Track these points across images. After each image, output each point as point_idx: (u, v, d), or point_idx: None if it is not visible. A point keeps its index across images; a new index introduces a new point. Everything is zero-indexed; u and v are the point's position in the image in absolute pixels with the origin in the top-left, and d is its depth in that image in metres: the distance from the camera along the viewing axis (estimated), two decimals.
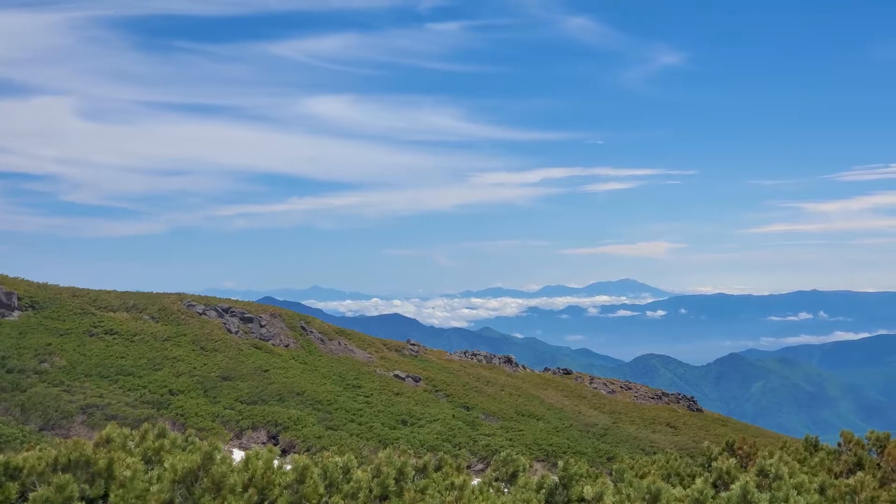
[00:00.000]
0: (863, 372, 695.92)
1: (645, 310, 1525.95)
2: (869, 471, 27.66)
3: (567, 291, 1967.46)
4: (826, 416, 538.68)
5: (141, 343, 78.59)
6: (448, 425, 75.97)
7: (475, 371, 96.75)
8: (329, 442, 64.76)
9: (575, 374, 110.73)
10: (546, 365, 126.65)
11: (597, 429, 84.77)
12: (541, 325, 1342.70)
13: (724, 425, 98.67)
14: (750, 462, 24.56)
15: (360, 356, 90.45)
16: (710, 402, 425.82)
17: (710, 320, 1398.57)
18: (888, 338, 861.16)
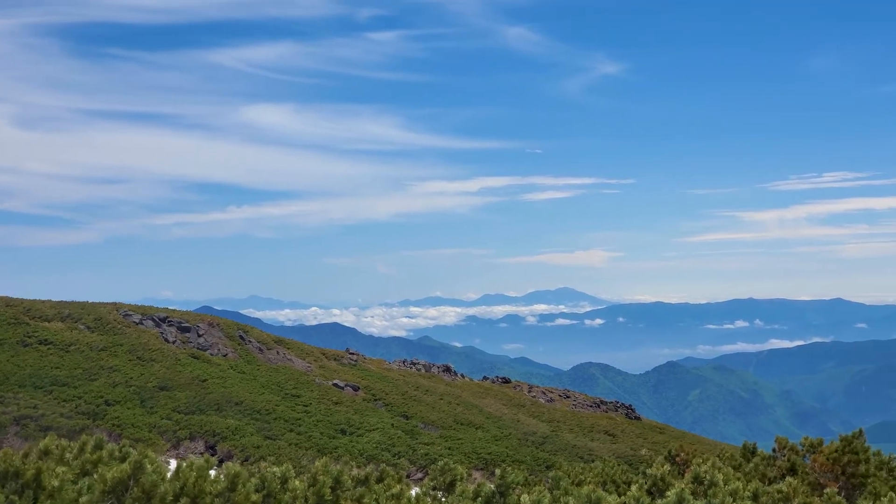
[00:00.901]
0: (797, 379, 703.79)
1: (583, 318, 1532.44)
2: (802, 476, 27.96)
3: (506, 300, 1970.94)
4: (762, 423, 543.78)
5: (76, 353, 77.75)
6: (387, 434, 75.86)
7: (414, 380, 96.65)
8: (267, 452, 64.45)
9: (514, 383, 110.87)
10: (485, 374, 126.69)
11: (535, 437, 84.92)
12: (479, 334, 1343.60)
13: (662, 433, 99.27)
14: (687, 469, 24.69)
15: (298, 365, 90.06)
16: (648, 410, 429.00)
17: (648, 328, 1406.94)
18: (822, 345, 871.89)
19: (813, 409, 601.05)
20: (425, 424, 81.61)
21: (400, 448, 73.53)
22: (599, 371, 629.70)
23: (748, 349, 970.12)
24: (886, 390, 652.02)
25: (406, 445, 74.54)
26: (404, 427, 79.38)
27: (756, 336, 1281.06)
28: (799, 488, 21.26)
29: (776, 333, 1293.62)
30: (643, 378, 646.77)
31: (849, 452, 29.91)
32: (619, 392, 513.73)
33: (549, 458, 76.66)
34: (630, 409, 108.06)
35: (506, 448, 78.96)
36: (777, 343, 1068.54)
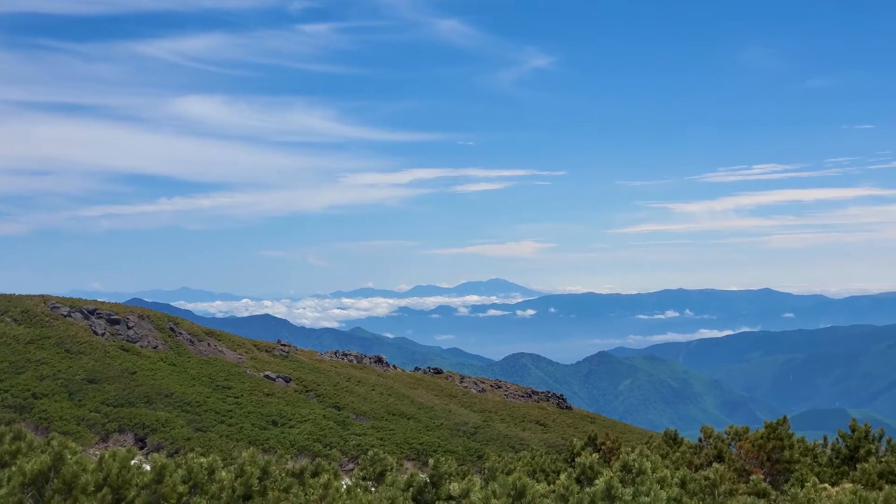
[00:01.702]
0: (726, 368, 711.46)
1: (515, 309, 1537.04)
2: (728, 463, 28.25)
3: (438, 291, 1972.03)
4: (691, 412, 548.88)
5: (2, 346, 76.68)
6: (319, 425, 75.67)
7: (346, 371, 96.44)
8: (198, 444, 63.99)
9: (445, 374, 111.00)
10: (417, 364, 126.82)
11: (467, 427, 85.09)
12: (411, 325, 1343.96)
13: (593, 422, 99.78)
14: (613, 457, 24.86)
15: (230, 357, 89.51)
16: (580, 400, 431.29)
17: (580, 319, 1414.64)
18: (750, 335, 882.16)
19: (741, 398, 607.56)
20: (357, 415, 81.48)
21: (331, 439, 73.36)
22: (531, 361, 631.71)
23: (678, 339, 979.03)
24: (813, 379, 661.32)
25: (338, 436, 74.38)
26: (336, 418, 79.19)
27: (686, 326, 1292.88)
28: (725, 475, 21.47)
29: (706, 323, 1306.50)
30: (574, 368, 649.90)
31: (774, 439, 30.28)
32: (551, 382, 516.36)
33: (481, 448, 76.86)
34: (561, 399, 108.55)
35: (437, 438, 79.05)
36: (707, 333, 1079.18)
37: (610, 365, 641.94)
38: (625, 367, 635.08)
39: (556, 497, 16.29)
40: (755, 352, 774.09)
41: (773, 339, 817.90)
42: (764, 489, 21.58)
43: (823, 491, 21.08)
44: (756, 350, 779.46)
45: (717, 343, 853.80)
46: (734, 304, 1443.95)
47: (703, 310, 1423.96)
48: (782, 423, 31.29)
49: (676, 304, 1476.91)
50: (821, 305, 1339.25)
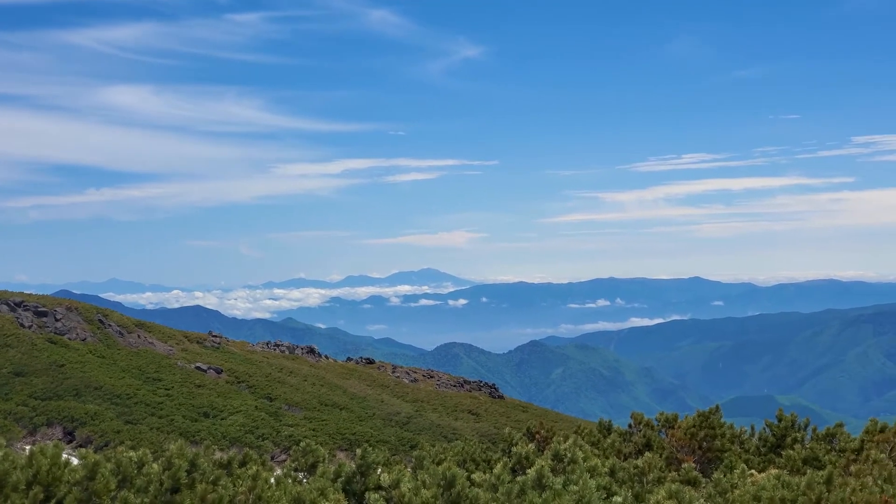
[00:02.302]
0: (657, 356, 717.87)
1: (447, 299, 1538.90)
2: (657, 451, 28.51)
3: (369, 281, 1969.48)
4: (623, 400, 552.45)
5: None
6: (251, 417, 75.42)
7: (278, 362, 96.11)
8: (128, 437, 63.53)
9: (378, 364, 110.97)
10: (349, 355, 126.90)
11: (400, 417, 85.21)
12: (343, 315, 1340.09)
13: (525, 411, 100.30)
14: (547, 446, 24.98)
15: (160, 349, 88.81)
16: (512, 389, 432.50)
17: (511, 308, 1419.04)
18: (680, 323, 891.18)
19: (672, 386, 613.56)
20: (289, 406, 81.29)
21: (264, 430, 73.14)
22: (463, 351, 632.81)
23: (609, 328, 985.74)
24: (742, 366, 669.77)
25: (270, 427, 74.18)
26: (268, 409, 78.97)
27: (617, 315, 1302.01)
28: (654, 463, 21.67)
29: (636, 312, 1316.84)
30: (506, 357, 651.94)
31: (705, 427, 30.65)
32: (483, 371, 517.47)
33: (413, 438, 77.01)
34: (493, 389, 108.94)
35: (370, 428, 79.10)
36: (637, 321, 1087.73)
37: (542, 354, 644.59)
38: (556, 356, 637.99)
39: (488, 486, 16.37)
40: (685, 340, 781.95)
41: (702, 327, 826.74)
42: (694, 477, 21.84)
43: (750, 477, 21.33)
44: (686, 338, 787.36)
45: (648, 331, 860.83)
46: (664, 293, 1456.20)
47: (634, 298, 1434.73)
48: (714, 411, 31.65)
49: (607, 292, 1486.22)
50: (749, 293, 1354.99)
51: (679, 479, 21.13)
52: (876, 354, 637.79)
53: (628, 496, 17.46)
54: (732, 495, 17.79)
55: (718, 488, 19.19)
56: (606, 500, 17.06)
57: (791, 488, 17.14)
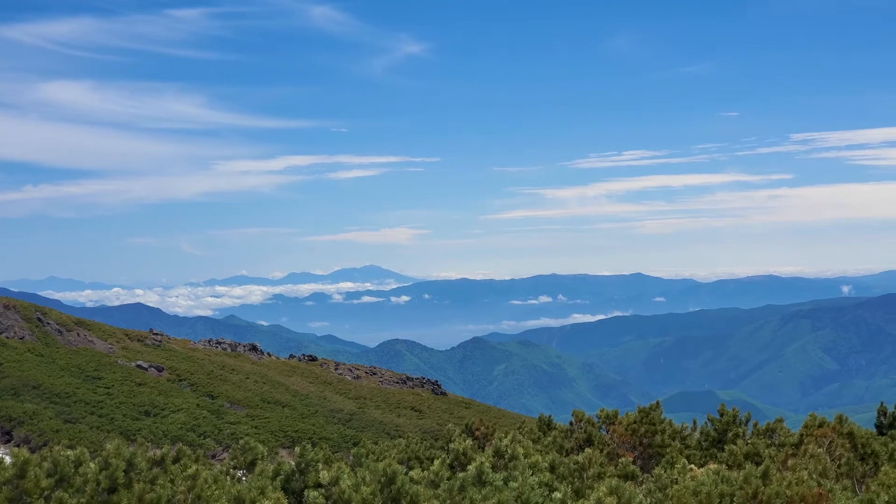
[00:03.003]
0: (598, 352, 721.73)
1: (389, 295, 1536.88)
2: (598, 447, 28.70)
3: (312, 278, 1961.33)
4: (565, 396, 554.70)
5: None
6: (192, 415, 75.00)
7: (220, 359, 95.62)
8: (67, 436, 62.92)
9: (320, 361, 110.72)
10: (291, 352, 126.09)
11: (342, 414, 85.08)
12: (286, 313, 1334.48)
13: (468, 408, 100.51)
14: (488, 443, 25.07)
15: (100, 347, 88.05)
16: (455, 386, 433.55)
17: (454, 305, 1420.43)
18: (622, 319, 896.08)
19: (614, 381, 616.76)
20: (231, 404, 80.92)
21: (205, 428, 72.76)
22: (406, 348, 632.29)
23: (551, 324, 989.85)
24: (683, 361, 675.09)
25: (212, 425, 73.80)
26: (210, 407, 78.56)
27: (559, 311, 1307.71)
28: (595, 458, 21.79)
29: (578, 308, 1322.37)
30: (449, 354, 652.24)
31: (646, 423, 30.89)
32: (426, 368, 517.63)
33: (356, 435, 76.90)
34: (436, 385, 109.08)
35: (312, 426, 78.90)
36: (579, 318, 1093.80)
37: (484, 350, 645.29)
38: (499, 353, 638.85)
39: (428, 483, 16.38)
40: (627, 336, 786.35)
41: (644, 323, 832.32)
42: (632, 471, 21.98)
43: (690, 472, 21.51)
44: (628, 334, 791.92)
45: (590, 327, 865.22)
46: (606, 289, 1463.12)
47: (576, 295, 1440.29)
48: (655, 407, 31.91)
49: (549, 289, 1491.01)
50: (690, 289, 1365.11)
51: (617, 475, 21.26)
52: (814, 349, 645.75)
53: (568, 492, 17.54)
54: (672, 490, 17.93)
55: (658, 484, 19.34)
56: (547, 497, 17.12)
57: (729, 483, 17.32)
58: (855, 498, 20.35)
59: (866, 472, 26.77)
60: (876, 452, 28.42)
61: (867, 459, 27.92)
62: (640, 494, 18.13)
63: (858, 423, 35.71)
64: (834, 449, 26.97)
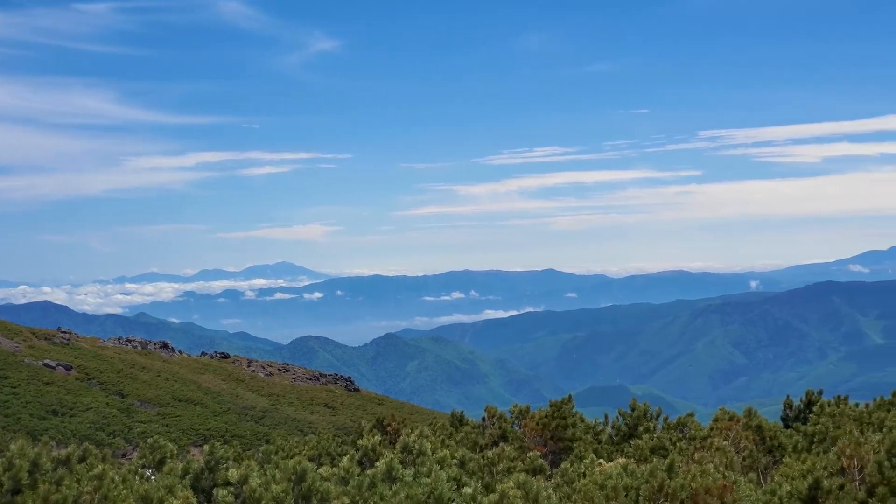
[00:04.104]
0: (511, 348, 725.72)
1: (302, 292, 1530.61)
2: (511, 442, 28.95)
3: (224, 275, 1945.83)
4: (478, 392, 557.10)
5: None
6: (102, 414, 74.24)
7: (130, 357, 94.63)
8: None
9: (233, 358, 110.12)
10: (203, 349, 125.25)
11: (255, 412, 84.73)
12: (198, 310, 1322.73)
13: (381, 404, 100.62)
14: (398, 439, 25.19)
15: (6, 346, 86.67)
16: (368, 382, 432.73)
17: (367, 301, 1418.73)
18: (534, 315, 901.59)
19: (526, 377, 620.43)
20: (142, 402, 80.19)
21: (115, 427, 72.06)
22: (319, 344, 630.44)
23: (464, 320, 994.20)
24: (595, 356, 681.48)
25: (122, 424, 73.11)
26: (120, 406, 77.79)
27: (472, 307, 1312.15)
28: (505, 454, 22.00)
29: (491, 304, 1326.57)
30: (362, 350, 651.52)
31: (558, 418, 31.24)
32: (339, 365, 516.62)
33: (269, 432, 76.66)
34: (349, 382, 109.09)
35: (225, 423, 78.51)
36: (492, 314, 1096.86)
37: (397, 346, 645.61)
38: (412, 349, 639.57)
39: (338, 480, 16.44)
40: (539, 331, 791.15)
41: (556, 319, 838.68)
42: (540, 465, 22.24)
43: (599, 466, 21.80)
44: (540, 329, 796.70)
45: (503, 323, 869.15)
46: (519, 285, 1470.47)
47: (489, 291, 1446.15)
48: (566, 402, 32.26)
49: (462, 285, 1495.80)
50: (602, 285, 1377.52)
51: (526, 469, 21.48)
52: (723, 343, 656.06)
53: (478, 487, 17.70)
54: (579, 484, 18.17)
55: (566, 478, 19.60)
56: (457, 492, 17.26)
57: (635, 476, 17.59)
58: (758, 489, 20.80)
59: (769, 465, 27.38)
60: (782, 445, 29.07)
61: (774, 452, 28.56)
62: (548, 489, 18.36)
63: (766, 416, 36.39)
64: (739, 441, 27.51)
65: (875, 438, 23.64)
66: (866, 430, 28.27)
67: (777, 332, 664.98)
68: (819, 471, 20.65)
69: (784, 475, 21.44)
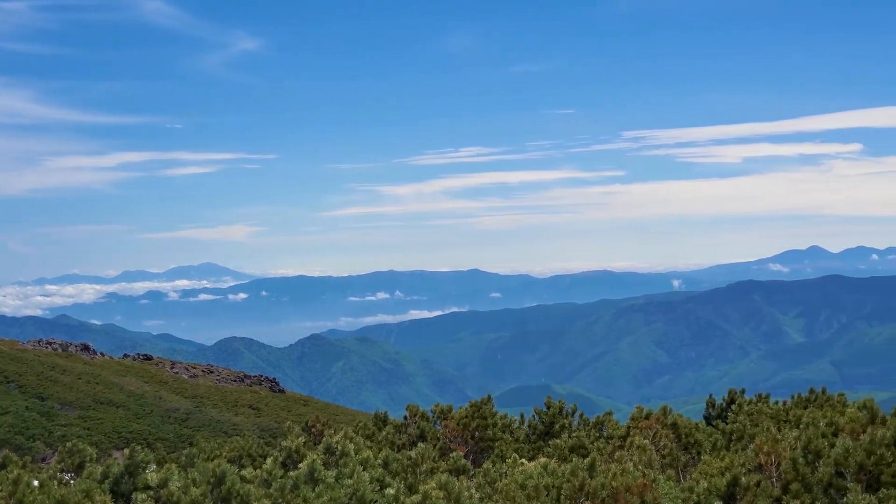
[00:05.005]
0: (437, 348, 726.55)
1: (227, 293, 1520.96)
2: (431, 442, 29.07)
3: (147, 276, 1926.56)
4: (404, 392, 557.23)
5: None
6: (21, 417, 73.32)
7: (50, 360, 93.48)
8: None
9: (156, 360, 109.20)
10: (126, 351, 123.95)
11: (179, 414, 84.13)
12: (120, 311, 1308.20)
13: (307, 405, 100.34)
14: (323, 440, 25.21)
15: None
16: (293, 383, 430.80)
17: (292, 302, 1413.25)
18: (459, 315, 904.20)
19: (451, 377, 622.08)
20: (63, 405, 79.29)
21: (35, 430, 71.20)
22: (243, 345, 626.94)
23: (389, 320, 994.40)
24: (520, 356, 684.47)
25: (41, 428, 72.25)
26: (39, 409, 76.84)
27: (397, 307, 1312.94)
28: (428, 454, 22.10)
29: (416, 304, 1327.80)
30: (287, 351, 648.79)
31: (478, 417, 31.43)
32: (264, 366, 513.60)
33: (192, 435, 76.16)
34: (274, 383, 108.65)
35: (148, 426, 77.89)
36: (417, 314, 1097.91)
37: (322, 347, 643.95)
38: (337, 350, 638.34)
39: (260, 482, 16.43)
40: (464, 331, 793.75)
41: (481, 319, 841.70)
42: (463, 465, 22.36)
43: (521, 466, 21.97)
44: (465, 329, 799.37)
45: (428, 323, 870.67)
46: (443, 285, 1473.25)
47: (414, 291, 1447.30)
48: (486, 401, 32.47)
49: (387, 285, 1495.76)
50: (527, 285, 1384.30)
51: (448, 469, 21.60)
52: (646, 343, 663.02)
53: (401, 487, 17.78)
54: (500, 484, 18.31)
55: (487, 478, 19.74)
56: (380, 493, 17.32)
57: (556, 476, 17.78)
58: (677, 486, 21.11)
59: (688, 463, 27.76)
60: (699, 442, 29.51)
61: (690, 449, 28.97)
62: (470, 489, 18.48)
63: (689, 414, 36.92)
64: (659, 440, 27.86)
65: (792, 435, 24.12)
66: (784, 427, 28.79)
67: (699, 331, 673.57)
68: (737, 468, 21.06)
69: (703, 472, 21.81)
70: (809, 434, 22.90)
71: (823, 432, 23.64)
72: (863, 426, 24.27)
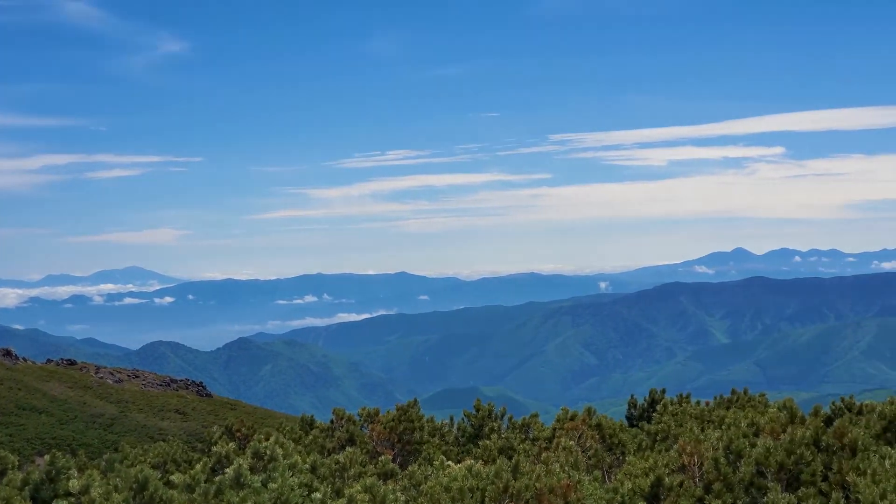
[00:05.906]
0: (365, 351, 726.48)
1: (153, 297, 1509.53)
2: (361, 446, 29.08)
3: (71, 280, 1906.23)
4: (332, 395, 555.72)
5: None
6: None
7: None
8: None
9: (80, 365, 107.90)
10: (49, 356, 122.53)
11: (103, 419, 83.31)
12: (43, 316, 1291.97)
13: (234, 409, 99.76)
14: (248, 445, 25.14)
15: None
16: (220, 387, 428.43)
17: (219, 306, 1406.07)
18: (387, 318, 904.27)
19: (380, 380, 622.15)
20: None
21: None
22: (170, 349, 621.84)
23: (317, 323, 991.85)
24: (448, 359, 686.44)
25: None
26: None
27: (325, 310, 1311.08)
28: (356, 458, 22.11)
29: (344, 307, 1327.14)
30: (214, 355, 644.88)
31: (405, 421, 31.48)
32: (190, 370, 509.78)
33: (117, 440, 75.41)
34: (201, 387, 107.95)
35: (72, 432, 77.04)
36: (345, 317, 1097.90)
37: (250, 351, 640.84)
38: (265, 353, 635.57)
39: (185, 487, 16.34)
40: (393, 334, 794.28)
41: (409, 322, 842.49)
42: (391, 469, 22.37)
43: (448, 468, 22.04)
44: (393, 332, 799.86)
45: (356, 326, 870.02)
46: (371, 288, 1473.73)
47: (342, 294, 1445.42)
48: (413, 405, 32.53)
49: (315, 288, 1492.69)
50: (454, 287, 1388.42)
51: (377, 473, 21.63)
52: (574, 345, 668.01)
53: (328, 492, 17.77)
54: (425, 487, 18.37)
55: (413, 480, 19.79)
56: (307, 497, 17.30)
57: (480, 477, 17.87)
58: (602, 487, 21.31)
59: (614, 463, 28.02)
60: (623, 442, 29.80)
61: (615, 450, 29.25)
62: (396, 492, 18.52)
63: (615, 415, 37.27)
64: (585, 441, 28.12)
65: (714, 436, 24.45)
66: (707, 427, 29.18)
67: (627, 333, 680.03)
68: (661, 468, 21.31)
69: (627, 473, 22.04)
70: (731, 434, 23.28)
71: (745, 432, 24.05)
72: (783, 426, 24.68)
